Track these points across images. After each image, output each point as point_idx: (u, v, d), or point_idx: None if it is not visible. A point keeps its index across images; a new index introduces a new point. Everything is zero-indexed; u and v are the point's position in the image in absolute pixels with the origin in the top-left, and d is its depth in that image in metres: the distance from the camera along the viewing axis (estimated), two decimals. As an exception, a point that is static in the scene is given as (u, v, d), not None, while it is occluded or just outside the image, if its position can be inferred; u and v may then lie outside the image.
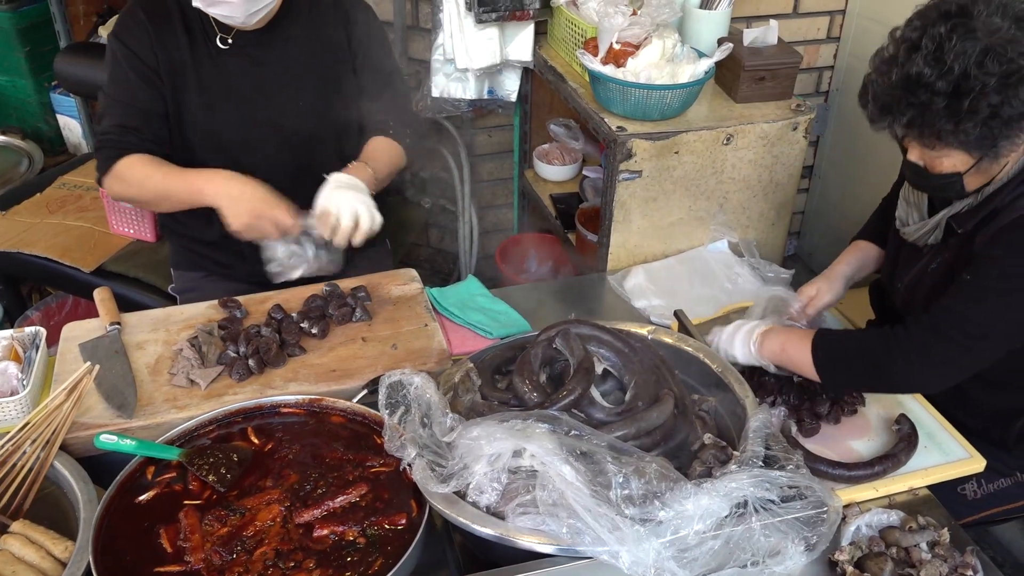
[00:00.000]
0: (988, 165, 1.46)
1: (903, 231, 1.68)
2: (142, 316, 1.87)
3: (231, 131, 1.92)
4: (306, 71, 1.94)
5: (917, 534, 1.41)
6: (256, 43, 1.90)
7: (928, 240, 1.64)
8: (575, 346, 1.51)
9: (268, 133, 1.94)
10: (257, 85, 1.92)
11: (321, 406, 1.59)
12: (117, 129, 1.86)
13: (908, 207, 1.68)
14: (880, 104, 1.47)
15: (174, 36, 1.86)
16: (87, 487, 1.43)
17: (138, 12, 1.86)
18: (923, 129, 1.42)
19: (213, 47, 1.88)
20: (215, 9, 1.76)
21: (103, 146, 1.87)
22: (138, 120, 1.87)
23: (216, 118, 1.90)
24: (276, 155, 1.96)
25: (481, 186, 3.05)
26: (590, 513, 1.22)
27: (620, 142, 2.01)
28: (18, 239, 2.56)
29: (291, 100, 1.93)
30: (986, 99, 1.35)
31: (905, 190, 1.69)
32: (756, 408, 1.49)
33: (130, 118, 1.86)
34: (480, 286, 2.03)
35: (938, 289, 1.61)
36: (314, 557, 1.31)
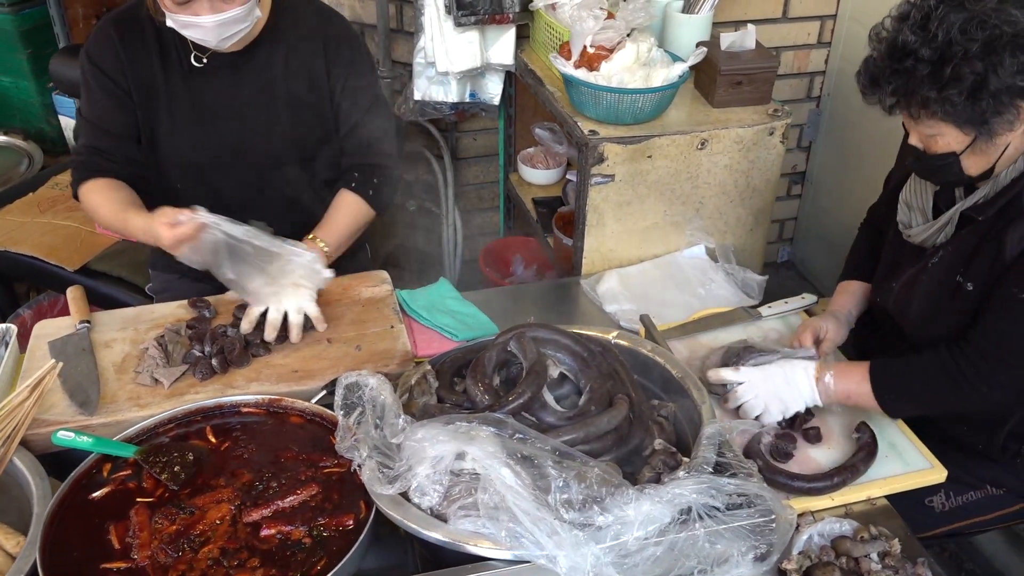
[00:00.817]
0: (985, 145, 1.44)
1: (908, 233, 1.67)
2: (112, 315, 1.89)
3: (199, 152, 1.91)
4: (280, 97, 1.90)
5: (868, 544, 1.39)
6: (231, 65, 1.86)
7: (936, 240, 1.62)
8: (529, 349, 1.51)
9: (237, 156, 1.92)
10: (229, 107, 1.89)
11: (280, 406, 1.60)
12: (86, 150, 1.87)
13: (910, 211, 1.67)
14: (869, 75, 1.48)
15: (146, 54, 1.84)
16: (43, 483, 1.44)
17: (110, 30, 1.83)
18: (909, 98, 1.42)
19: (187, 65, 1.85)
20: (189, 31, 1.73)
21: (74, 167, 1.89)
22: (108, 142, 1.87)
23: (185, 138, 1.89)
24: (245, 178, 1.95)
25: (467, 189, 3.05)
26: (529, 517, 1.22)
27: (592, 146, 2.01)
28: (7, 238, 2.60)
29: (263, 124, 1.91)
30: (969, 66, 1.35)
31: (906, 193, 1.68)
32: (711, 415, 1.49)
33: (100, 139, 1.87)
34: (451, 288, 2.04)
35: (937, 285, 1.60)
36: (258, 556, 1.31)
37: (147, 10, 1.81)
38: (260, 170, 1.95)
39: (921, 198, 1.65)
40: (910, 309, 1.67)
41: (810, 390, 1.63)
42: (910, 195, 1.67)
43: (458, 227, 2.98)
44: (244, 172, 1.94)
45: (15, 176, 3.24)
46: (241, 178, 1.94)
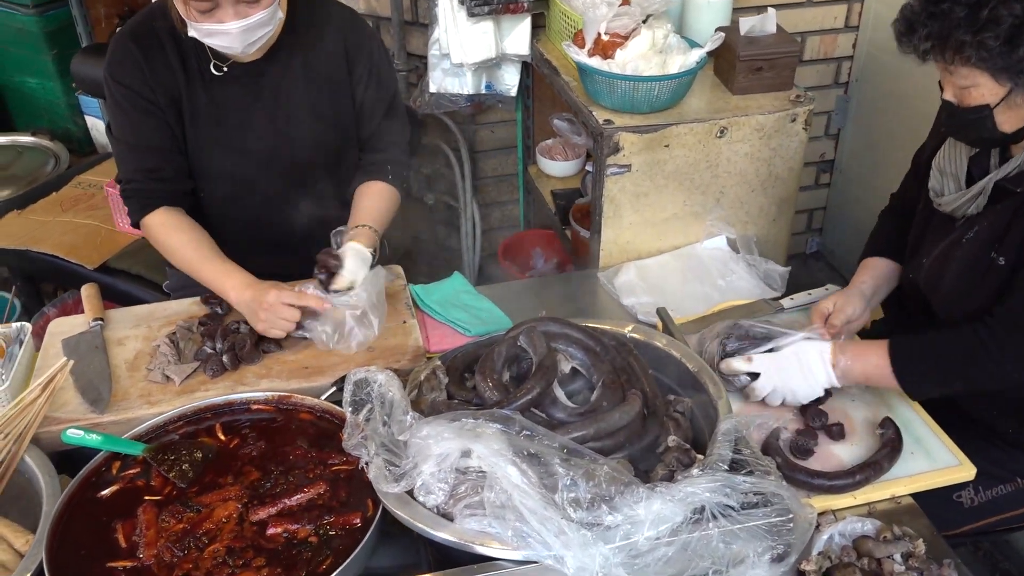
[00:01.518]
0: (1020, 99, 1.41)
1: (939, 201, 1.62)
2: (126, 312, 1.89)
3: (222, 161, 1.88)
4: (302, 103, 1.87)
5: (891, 545, 1.34)
6: (251, 72, 1.83)
7: (967, 210, 1.57)
8: (538, 344, 1.48)
9: (261, 163, 1.90)
10: (250, 114, 1.86)
11: (290, 403, 1.59)
12: (139, 176, 1.83)
13: (943, 177, 1.62)
14: (905, 20, 1.45)
15: (167, 65, 1.79)
16: (52, 480, 1.44)
17: (128, 44, 1.79)
18: (943, 41, 1.39)
19: (207, 75, 1.82)
20: (212, 40, 1.69)
21: (129, 196, 1.84)
22: (155, 160, 1.83)
23: (208, 147, 1.87)
24: (270, 185, 1.93)
25: (485, 182, 3.02)
26: (536, 516, 1.19)
27: (607, 135, 1.97)
28: (29, 237, 2.62)
29: (284, 131, 1.88)
30: (1007, 8, 1.32)
31: (939, 159, 1.63)
32: (728, 411, 1.44)
33: (147, 160, 1.82)
34: (465, 283, 2.01)
35: (971, 260, 1.56)
36: (264, 555, 1.30)
37: (162, 21, 1.78)
38: (283, 177, 1.92)
39: (955, 164, 1.60)
40: (942, 284, 1.62)
41: (825, 375, 1.59)
42: (944, 161, 1.62)
43: (477, 221, 2.95)
44: (267, 179, 1.92)
45: (41, 176, 3.27)
46: (265, 185, 1.93)
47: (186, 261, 1.82)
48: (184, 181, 1.88)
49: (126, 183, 1.85)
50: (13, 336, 1.77)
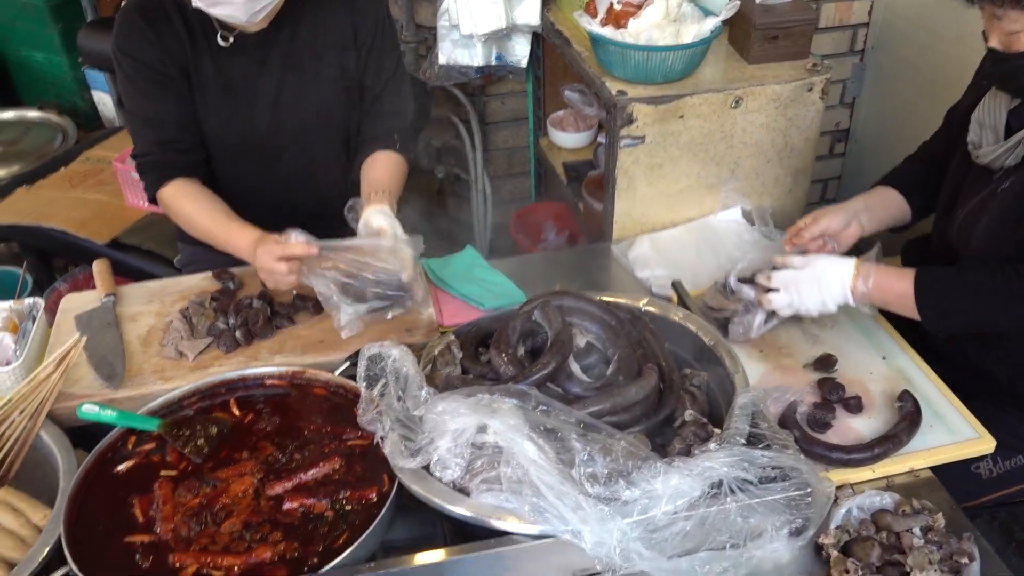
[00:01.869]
0: None
1: (976, 153, 1.60)
2: (138, 288, 1.88)
3: (231, 132, 1.87)
4: (310, 70, 1.85)
5: (910, 518, 1.33)
6: (257, 43, 1.81)
7: (1005, 161, 1.56)
8: (554, 318, 1.47)
9: (270, 134, 1.88)
10: (257, 85, 1.84)
11: (304, 378, 1.58)
12: (156, 148, 1.81)
13: (982, 129, 1.61)
14: None
15: (175, 36, 1.78)
16: (69, 456, 1.45)
17: (135, 17, 1.77)
18: None
19: (214, 46, 1.80)
20: (217, 10, 1.67)
21: (146, 170, 1.83)
22: (171, 132, 1.81)
23: (217, 118, 1.85)
24: (279, 156, 1.91)
25: (496, 154, 2.99)
26: (553, 491, 1.19)
27: (620, 107, 1.94)
28: (39, 213, 2.61)
29: (294, 99, 1.86)
30: None
31: (979, 112, 1.62)
32: (745, 384, 1.43)
33: (163, 132, 1.81)
34: (478, 256, 1.99)
35: (1005, 209, 1.54)
36: (281, 530, 1.30)
37: None
38: (293, 146, 1.91)
39: (994, 116, 1.59)
40: (973, 236, 1.60)
41: (841, 290, 1.60)
42: (983, 113, 1.61)
43: (488, 193, 2.93)
44: (276, 150, 1.91)
45: (50, 151, 3.26)
46: (273, 155, 1.91)
47: (202, 229, 1.81)
48: (200, 151, 1.87)
49: (142, 156, 1.83)
50: (26, 312, 1.77)
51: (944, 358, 1.71)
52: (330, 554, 1.25)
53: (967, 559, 1.28)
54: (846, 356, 1.68)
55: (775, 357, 1.71)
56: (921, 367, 1.66)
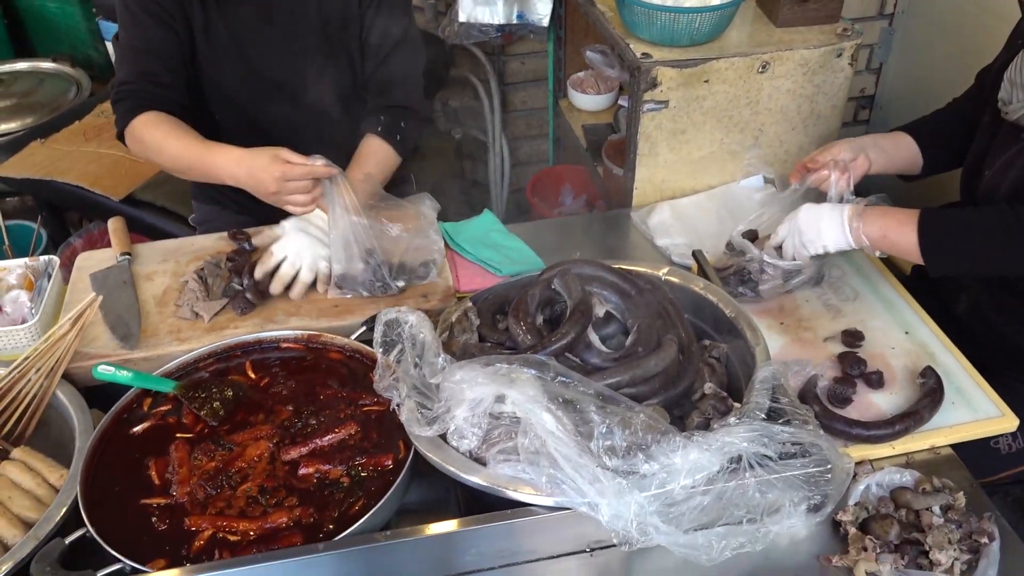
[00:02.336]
0: None
1: (1006, 111, 1.58)
2: (153, 247, 1.87)
3: (237, 82, 1.84)
4: (313, 26, 1.82)
5: (930, 496, 1.32)
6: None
7: None
8: (573, 287, 1.45)
9: (272, 90, 1.85)
10: (261, 37, 1.80)
11: (319, 342, 1.57)
12: (135, 77, 1.73)
13: (1013, 88, 1.57)
14: None
15: None
16: (85, 416, 1.45)
17: None
18: None
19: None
20: None
21: (120, 98, 1.75)
22: (156, 65, 1.75)
23: (224, 67, 1.82)
24: (281, 113, 1.88)
25: (514, 116, 2.95)
26: (570, 463, 1.18)
27: (644, 70, 1.89)
28: (53, 167, 2.59)
29: (297, 59, 1.83)
30: None
31: (1011, 71, 1.58)
32: (766, 358, 1.41)
33: (147, 63, 1.75)
34: (496, 221, 1.97)
35: None
36: (296, 495, 1.30)
37: None
38: (296, 102, 1.88)
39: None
40: (999, 192, 1.57)
41: (834, 229, 1.59)
42: (1015, 72, 1.57)
43: (505, 156, 2.89)
44: (281, 104, 1.88)
45: (64, 103, 3.23)
46: (278, 110, 1.88)
47: (171, 153, 1.70)
48: (181, 93, 1.79)
49: (120, 85, 1.75)
50: (41, 269, 1.76)
51: (967, 332, 1.68)
52: (346, 520, 1.25)
53: (987, 539, 1.26)
54: (868, 330, 1.66)
55: (795, 330, 1.68)
56: (944, 342, 1.63)
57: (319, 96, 1.88)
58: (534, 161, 3.07)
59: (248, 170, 1.60)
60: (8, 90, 3.18)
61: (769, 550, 1.28)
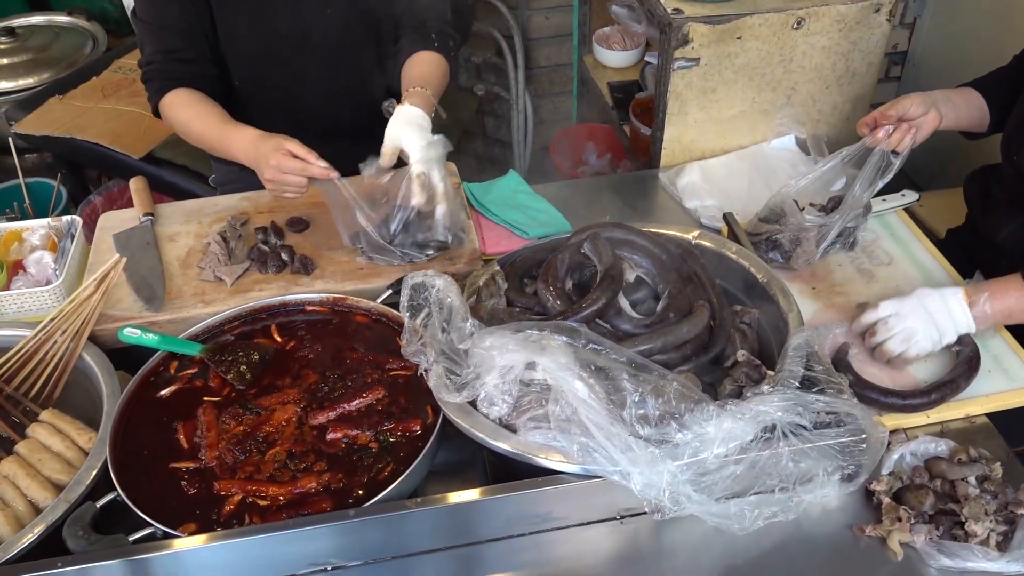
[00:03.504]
0: None
1: None
2: (176, 207, 1.85)
3: (254, 43, 1.80)
4: None
5: (966, 467, 1.30)
6: None
7: None
8: (604, 252, 1.42)
9: (292, 45, 1.81)
10: None
11: (345, 305, 1.56)
12: (160, 56, 1.75)
13: None
14: None
15: None
16: (111, 379, 1.44)
17: None
18: None
19: None
20: None
21: (148, 78, 1.77)
22: (178, 41, 1.75)
23: (239, 28, 1.78)
24: (304, 70, 1.84)
25: (538, 72, 2.88)
26: (602, 431, 1.16)
27: (675, 26, 1.83)
28: (72, 124, 2.57)
29: (314, 10, 1.78)
30: None
31: None
32: (799, 324, 1.38)
33: (169, 40, 1.75)
34: (521, 181, 1.93)
35: None
36: (325, 460, 1.30)
37: None
38: (316, 59, 1.83)
39: None
40: None
41: (964, 315, 1.44)
42: None
43: (529, 113, 2.84)
44: (299, 62, 1.83)
45: (80, 59, 3.19)
46: (296, 69, 1.84)
47: (198, 135, 1.73)
48: (206, 65, 1.79)
49: (147, 65, 1.78)
50: (64, 230, 1.75)
51: None
52: (375, 486, 1.25)
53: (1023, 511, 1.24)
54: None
55: (828, 295, 1.65)
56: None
57: (341, 48, 1.83)
58: (558, 119, 3.02)
59: (254, 155, 1.61)
60: (24, 44, 3.14)
61: (801, 520, 1.27)
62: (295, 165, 1.56)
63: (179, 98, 1.74)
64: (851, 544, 1.26)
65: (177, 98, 1.74)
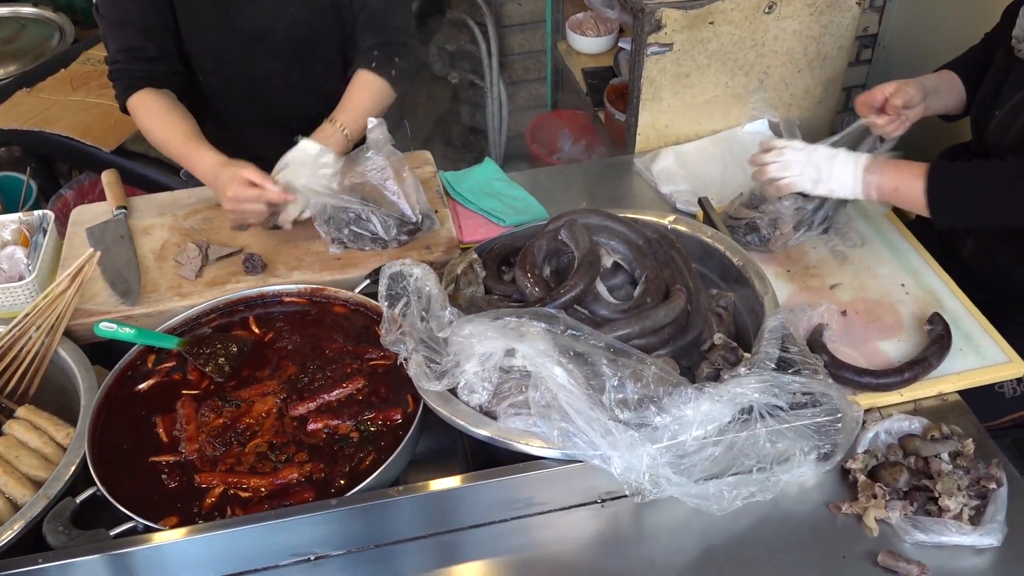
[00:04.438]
0: None
1: (1020, 48, 1.54)
2: (149, 200, 1.84)
3: (217, 38, 1.78)
4: None
5: (939, 443, 1.32)
6: None
7: None
8: (581, 238, 1.43)
9: (254, 42, 1.79)
10: None
11: (323, 296, 1.55)
12: (123, 55, 1.73)
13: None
14: None
15: None
16: (88, 374, 1.43)
17: None
18: None
19: None
20: None
21: (115, 77, 1.76)
22: (139, 38, 1.73)
23: (202, 24, 1.76)
24: (265, 67, 1.82)
25: (512, 59, 2.88)
26: (582, 416, 1.17)
27: (648, 12, 1.84)
28: (40, 117, 2.53)
29: (277, 4, 1.76)
30: None
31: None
32: (774, 307, 1.40)
33: (132, 38, 1.73)
34: (497, 169, 1.93)
35: None
36: (306, 451, 1.30)
37: None
38: (279, 55, 1.82)
39: None
40: (1010, 134, 1.55)
41: (851, 173, 1.54)
42: None
43: (503, 100, 2.84)
44: (263, 58, 1.81)
45: (47, 50, 3.14)
46: (260, 64, 1.82)
47: (161, 143, 1.73)
48: (170, 62, 1.78)
49: (112, 64, 1.76)
50: (36, 224, 1.73)
51: (973, 276, 1.67)
52: (357, 475, 1.25)
53: (994, 484, 1.27)
54: (875, 276, 1.65)
55: (802, 277, 1.67)
56: (951, 288, 1.62)
57: (303, 45, 1.82)
58: (532, 106, 3.02)
59: (212, 182, 1.65)
60: (-11, 36, 3.09)
61: (779, 499, 1.29)
62: (251, 194, 1.57)
63: (145, 102, 1.74)
64: (828, 521, 1.28)
65: (143, 102, 1.74)
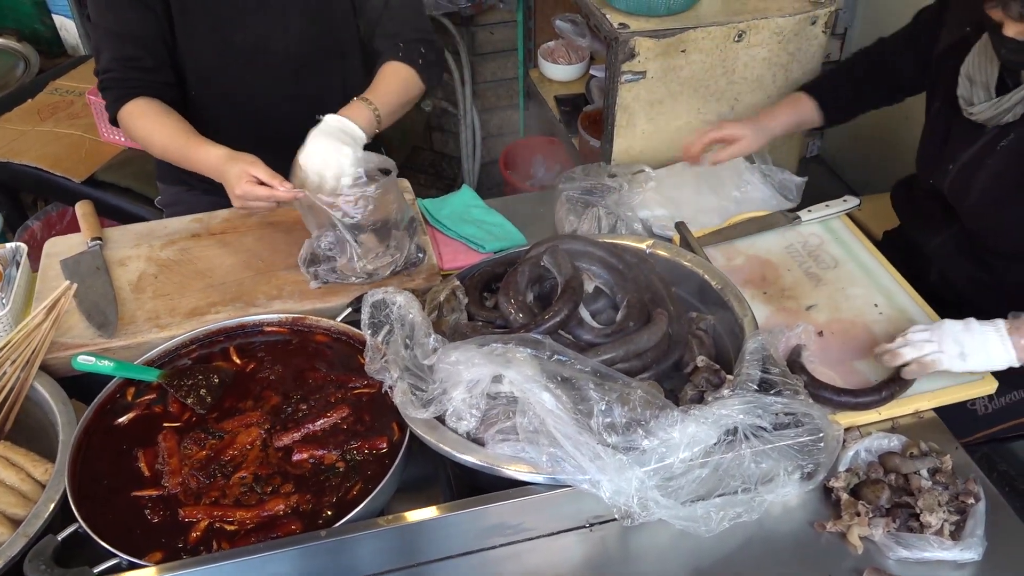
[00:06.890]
0: None
1: (971, 111, 1.57)
2: (124, 231, 1.82)
3: (211, 54, 1.78)
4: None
5: (918, 460, 1.35)
6: None
7: (1003, 119, 1.53)
8: (563, 263, 1.44)
9: (250, 60, 1.79)
10: (240, 7, 1.74)
11: (304, 325, 1.55)
12: (117, 65, 1.72)
13: (972, 86, 1.57)
14: None
15: None
16: (66, 409, 1.41)
17: None
18: None
19: None
20: None
21: (106, 87, 1.74)
22: (136, 49, 1.72)
23: (200, 41, 1.76)
24: (264, 84, 1.83)
25: (484, 87, 2.91)
26: (571, 441, 1.18)
27: (622, 40, 1.87)
28: (8, 148, 2.50)
29: (275, 22, 1.77)
30: None
31: (968, 67, 1.57)
32: (754, 329, 1.42)
33: (127, 48, 1.72)
34: (475, 196, 1.95)
35: (1007, 167, 1.52)
36: (292, 482, 1.28)
37: None
38: (277, 73, 1.82)
39: (985, 73, 1.55)
40: (971, 192, 1.59)
41: (1002, 346, 1.40)
42: (973, 70, 1.56)
43: (476, 128, 2.86)
44: (261, 75, 1.82)
45: (12, 81, 3.10)
46: (258, 82, 1.83)
47: (160, 147, 1.72)
48: (166, 73, 1.77)
49: (103, 74, 1.75)
50: (9, 257, 1.70)
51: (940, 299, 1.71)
52: (344, 505, 1.24)
53: (973, 499, 1.30)
54: (849, 297, 1.68)
55: (779, 299, 1.70)
56: (923, 308, 1.66)
57: (303, 62, 1.82)
58: (504, 133, 3.04)
59: (220, 177, 1.62)
60: (-48, 67, 3.05)
61: (764, 519, 1.30)
62: (261, 193, 1.56)
63: (139, 108, 1.72)
64: (813, 540, 1.30)
65: (137, 108, 1.72)
